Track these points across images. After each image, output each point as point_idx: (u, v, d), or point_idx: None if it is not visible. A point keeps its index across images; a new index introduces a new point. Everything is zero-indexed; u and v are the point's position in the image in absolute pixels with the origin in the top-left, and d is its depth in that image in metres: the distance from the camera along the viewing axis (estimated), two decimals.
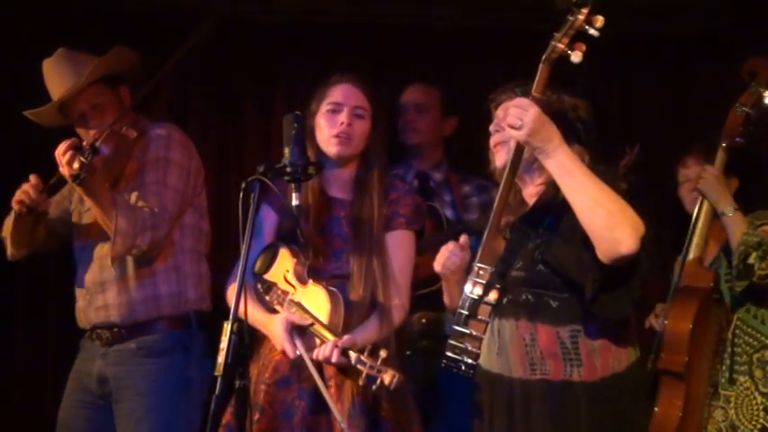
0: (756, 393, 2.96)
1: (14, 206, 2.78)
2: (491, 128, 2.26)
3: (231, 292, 2.61)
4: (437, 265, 2.24)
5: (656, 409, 2.90)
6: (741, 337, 3.02)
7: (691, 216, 3.22)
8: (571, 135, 2.15)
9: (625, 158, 3.22)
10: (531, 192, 2.25)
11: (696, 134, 3.77)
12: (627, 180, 2.16)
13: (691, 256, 3.09)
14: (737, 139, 3.08)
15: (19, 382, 3.61)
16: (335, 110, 2.61)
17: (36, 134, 3.35)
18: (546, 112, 2.07)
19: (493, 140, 2.26)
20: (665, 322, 2.97)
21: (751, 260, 2.90)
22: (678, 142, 3.93)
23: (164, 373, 2.79)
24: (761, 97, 3.09)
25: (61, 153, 2.54)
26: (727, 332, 3.04)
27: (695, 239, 3.10)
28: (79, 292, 2.90)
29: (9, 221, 2.88)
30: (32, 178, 2.79)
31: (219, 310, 2.63)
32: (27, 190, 2.77)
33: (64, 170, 2.55)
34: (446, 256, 2.20)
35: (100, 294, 2.83)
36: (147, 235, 2.71)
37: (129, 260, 2.81)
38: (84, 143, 2.59)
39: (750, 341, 3.01)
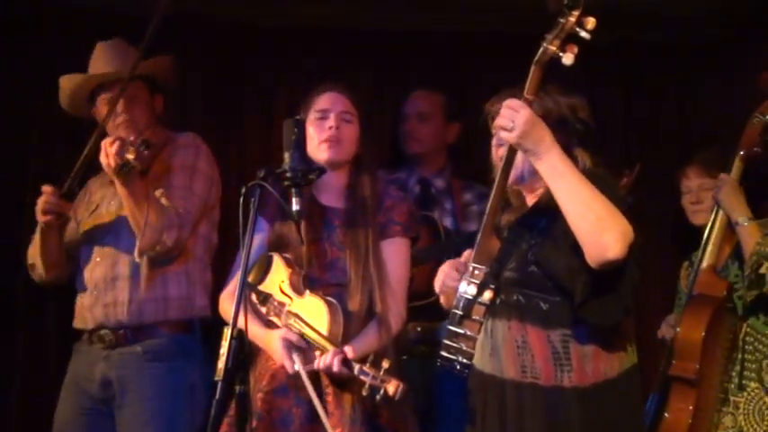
0: (767, 398, 2.93)
1: (42, 218, 2.82)
2: (494, 142, 2.26)
3: (224, 301, 2.63)
4: (436, 285, 2.25)
5: (666, 414, 2.93)
6: (751, 344, 2.99)
7: (692, 225, 3.24)
8: (574, 140, 2.16)
9: (624, 179, 3.24)
10: (533, 197, 2.25)
11: (695, 142, 3.79)
12: (626, 201, 2.16)
13: (705, 264, 3.08)
14: (755, 149, 3.07)
15: (19, 382, 3.59)
16: (323, 116, 2.63)
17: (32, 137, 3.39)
18: (546, 120, 2.07)
19: (497, 154, 2.24)
20: (677, 329, 2.97)
21: (763, 270, 2.87)
22: (677, 152, 3.95)
23: (169, 378, 2.82)
24: None
25: (109, 143, 2.61)
26: (738, 340, 3.02)
27: (709, 248, 3.08)
28: (86, 290, 2.91)
29: (35, 244, 2.93)
30: (46, 188, 2.84)
31: (219, 316, 2.64)
32: (48, 199, 2.81)
33: (109, 160, 2.60)
34: (442, 280, 2.21)
35: (110, 291, 2.85)
36: (174, 232, 2.78)
37: (143, 259, 2.84)
38: (132, 138, 2.66)
39: (760, 347, 2.98)
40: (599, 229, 1.95)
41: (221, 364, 1.99)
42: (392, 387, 2.25)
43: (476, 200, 3.50)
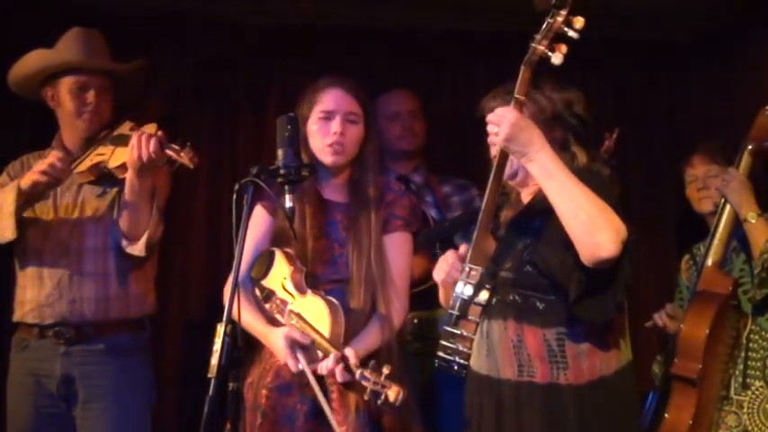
0: None
1: (39, 177, 2.73)
2: (489, 140, 2.24)
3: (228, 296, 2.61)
4: (437, 276, 2.24)
5: (666, 414, 2.89)
6: (756, 342, 2.94)
7: (699, 214, 3.19)
8: (570, 136, 2.17)
9: (605, 144, 3.21)
10: (527, 192, 2.25)
11: (686, 137, 3.80)
12: (609, 166, 2.17)
13: (710, 260, 3.00)
14: (765, 143, 2.98)
15: None
16: (328, 117, 2.58)
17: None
18: (540, 118, 2.10)
19: (492, 151, 2.22)
20: (681, 326, 2.92)
21: None
22: (669, 146, 3.96)
23: (130, 375, 2.87)
24: None
25: (145, 139, 2.64)
26: (742, 337, 2.96)
27: (715, 243, 3.00)
28: (44, 284, 2.85)
29: (7, 201, 2.78)
30: (56, 152, 2.81)
31: (214, 313, 2.63)
32: (56, 162, 2.74)
33: (142, 153, 2.62)
34: (446, 270, 2.20)
35: (76, 287, 2.83)
36: (161, 226, 2.84)
37: (111, 255, 2.86)
38: (160, 133, 2.69)
39: (765, 345, 2.94)
40: (592, 228, 1.95)
41: (214, 360, 1.97)
42: (393, 393, 2.23)
43: (455, 191, 3.57)
